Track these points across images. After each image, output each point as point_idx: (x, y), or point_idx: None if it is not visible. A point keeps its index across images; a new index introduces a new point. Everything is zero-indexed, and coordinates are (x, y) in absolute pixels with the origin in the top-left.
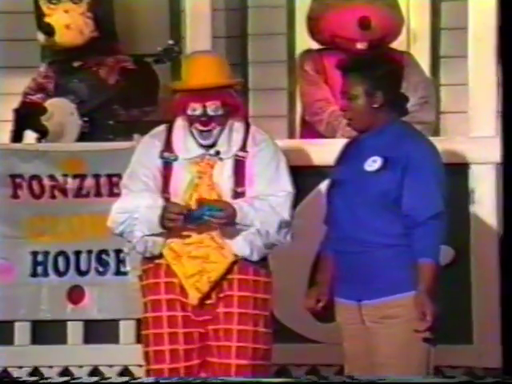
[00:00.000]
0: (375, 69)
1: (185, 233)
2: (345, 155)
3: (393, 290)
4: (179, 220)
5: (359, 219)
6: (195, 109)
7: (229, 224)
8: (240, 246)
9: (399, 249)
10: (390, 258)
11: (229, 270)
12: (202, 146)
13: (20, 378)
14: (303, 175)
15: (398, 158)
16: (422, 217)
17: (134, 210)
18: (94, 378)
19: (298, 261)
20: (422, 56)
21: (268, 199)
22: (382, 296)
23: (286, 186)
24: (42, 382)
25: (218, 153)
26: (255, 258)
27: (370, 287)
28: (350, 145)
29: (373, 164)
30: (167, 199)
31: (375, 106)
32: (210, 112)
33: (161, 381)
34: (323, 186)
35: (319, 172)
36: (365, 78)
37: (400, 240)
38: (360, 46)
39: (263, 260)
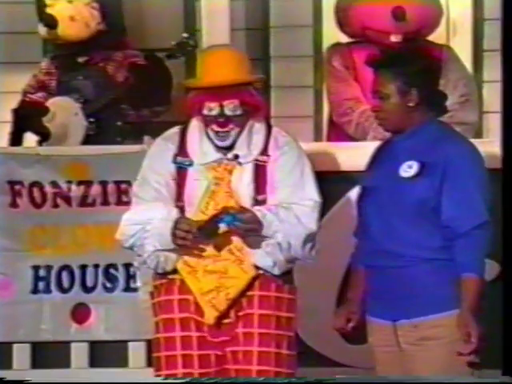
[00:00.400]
0: (409, 64)
1: (201, 245)
2: (377, 160)
3: (432, 308)
4: (188, 239)
5: (394, 230)
6: (211, 108)
7: (251, 233)
8: (261, 256)
9: (439, 263)
10: (429, 273)
11: (249, 286)
12: (219, 149)
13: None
14: (330, 182)
15: (436, 163)
16: (463, 227)
17: (147, 221)
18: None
19: (325, 276)
20: (462, 50)
21: (293, 208)
22: (421, 315)
23: (311, 193)
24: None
25: (236, 157)
26: (277, 272)
27: (406, 305)
28: (382, 148)
29: (408, 169)
30: (181, 208)
31: (410, 105)
32: (227, 112)
33: (164, 381)
34: (353, 193)
35: (348, 178)
36: (398, 75)
37: (440, 253)
38: (394, 38)
39: (287, 275)
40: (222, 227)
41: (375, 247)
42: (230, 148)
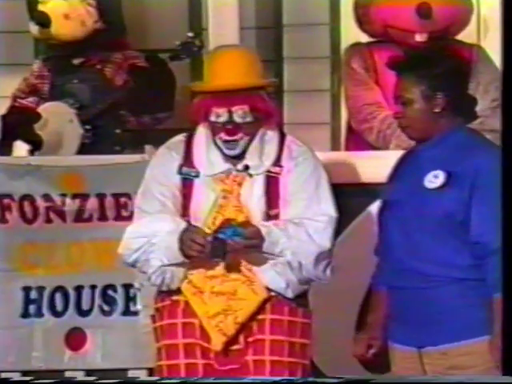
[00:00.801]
0: (434, 66)
1: (207, 263)
2: (400, 170)
3: (463, 333)
4: (202, 250)
5: (418, 247)
6: (219, 114)
7: (252, 250)
8: (272, 277)
9: (468, 283)
10: (458, 294)
11: (259, 309)
12: (227, 159)
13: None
14: (349, 195)
15: (465, 173)
16: (495, 244)
17: (153, 234)
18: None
19: (343, 298)
20: (495, 50)
21: (304, 224)
22: (449, 341)
23: (327, 208)
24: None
25: (246, 168)
26: (290, 294)
27: (433, 330)
28: (406, 158)
29: (434, 180)
30: (187, 222)
31: (435, 110)
32: (236, 118)
33: (161, 380)
34: (373, 207)
35: (369, 191)
36: (422, 78)
37: (469, 272)
38: (419, 38)
39: (301, 297)
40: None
41: (398, 266)
42: (240, 158)
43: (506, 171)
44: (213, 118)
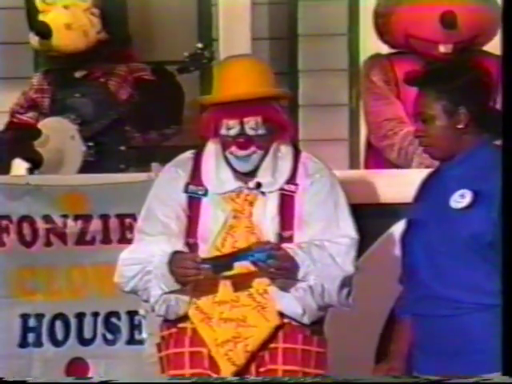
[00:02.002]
0: (455, 79)
1: (215, 288)
2: (424, 190)
3: (494, 365)
4: (196, 275)
5: (445, 271)
6: (230, 127)
7: (283, 275)
8: (289, 303)
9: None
10: (489, 322)
11: (271, 337)
12: (238, 176)
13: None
14: (368, 216)
15: (493, 192)
16: None
17: (147, 259)
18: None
19: (362, 325)
20: None
21: (326, 247)
22: (479, 373)
23: (347, 229)
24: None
25: (259, 186)
26: (306, 320)
27: (461, 361)
28: (430, 177)
29: (460, 200)
30: (193, 245)
31: (459, 126)
32: (248, 130)
33: (165, 381)
34: (394, 229)
35: (389, 212)
36: (442, 92)
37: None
38: (443, 49)
39: (316, 324)
40: (243, 264)
41: (422, 292)
42: (252, 175)
43: (506, 171)
44: (223, 131)
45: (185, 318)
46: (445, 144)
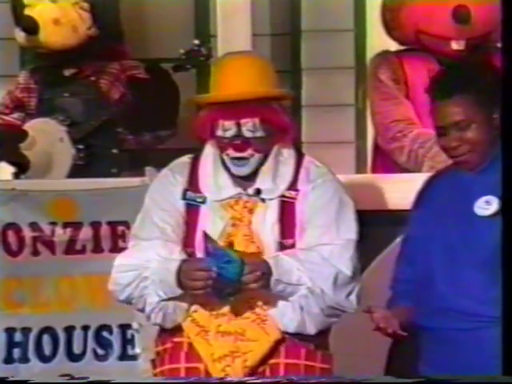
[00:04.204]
0: (488, 80)
1: (212, 299)
2: (442, 195)
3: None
4: (206, 283)
5: (466, 283)
6: (226, 128)
7: (260, 285)
8: (289, 318)
9: None
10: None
11: (272, 352)
12: (237, 181)
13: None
14: (376, 223)
15: None
16: None
17: (143, 265)
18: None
19: (369, 339)
20: None
21: (317, 249)
22: None
23: (346, 233)
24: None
25: (258, 192)
26: (312, 330)
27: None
28: (448, 181)
29: (486, 206)
30: (190, 254)
31: (495, 131)
32: (245, 132)
33: (164, 381)
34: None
35: (398, 219)
36: (476, 96)
37: None
38: (455, 45)
39: (320, 337)
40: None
41: (439, 304)
42: (251, 181)
43: (506, 171)
44: (219, 133)
45: (180, 331)
46: (484, 150)
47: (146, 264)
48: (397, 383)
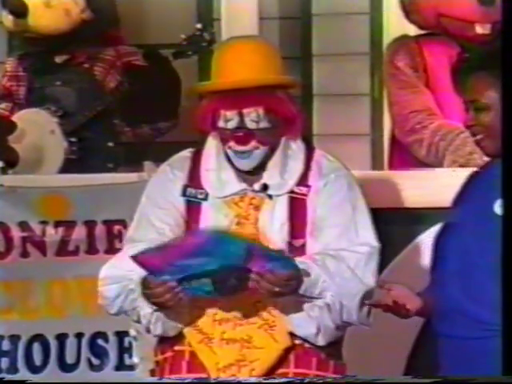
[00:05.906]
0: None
1: (216, 304)
2: (464, 193)
3: None
4: (168, 297)
5: (484, 289)
6: (228, 118)
7: (287, 292)
8: (301, 322)
9: None
10: None
11: (281, 361)
12: (242, 176)
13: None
14: (394, 222)
15: None
16: None
17: (126, 276)
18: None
19: (386, 347)
20: None
21: (344, 258)
22: None
23: (366, 237)
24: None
25: (265, 188)
26: (321, 342)
27: None
28: (472, 177)
29: None
30: None
31: None
32: (248, 123)
33: (164, 381)
34: (423, 238)
35: (417, 217)
36: (499, 78)
37: None
38: (480, 29)
39: (332, 346)
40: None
41: (450, 307)
42: (257, 175)
43: (506, 171)
44: (221, 124)
45: (182, 339)
46: (498, 137)
47: (130, 275)
48: (410, 383)
